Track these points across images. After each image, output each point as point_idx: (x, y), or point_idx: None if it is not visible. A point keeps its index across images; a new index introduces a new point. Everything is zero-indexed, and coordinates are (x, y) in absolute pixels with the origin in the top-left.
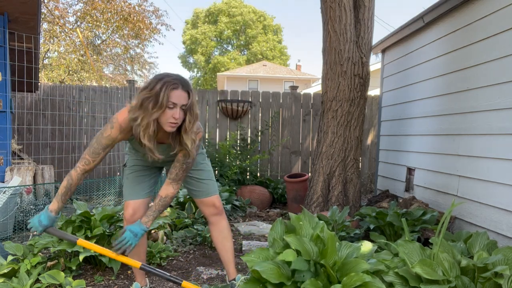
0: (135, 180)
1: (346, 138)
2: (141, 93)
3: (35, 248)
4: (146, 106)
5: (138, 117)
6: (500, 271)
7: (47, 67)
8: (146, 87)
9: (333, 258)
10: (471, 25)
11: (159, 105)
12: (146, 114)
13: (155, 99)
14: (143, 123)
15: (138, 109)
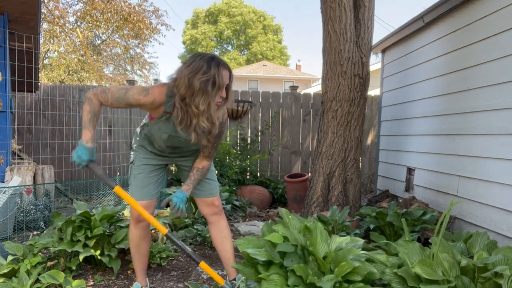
0: (144, 181)
1: (346, 138)
2: (196, 77)
3: (35, 248)
4: (205, 89)
5: (199, 101)
6: (500, 271)
7: (47, 67)
8: (197, 70)
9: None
10: (471, 25)
11: (217, 86)
12: (207, 96)
13: (213, 81)
14: (204, 106)
15: (197, 93)
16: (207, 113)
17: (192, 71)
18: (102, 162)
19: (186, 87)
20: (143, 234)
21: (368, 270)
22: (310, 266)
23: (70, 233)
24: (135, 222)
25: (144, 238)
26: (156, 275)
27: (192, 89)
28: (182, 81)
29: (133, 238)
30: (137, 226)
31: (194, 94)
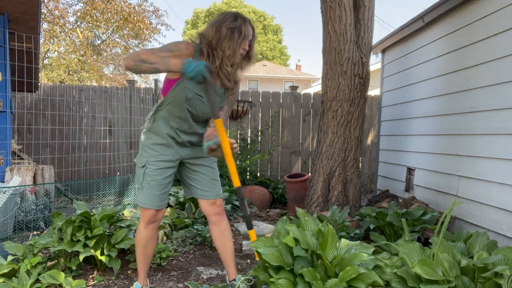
0: (159, 188)
1: (346, 138)
2: (224, 24)
3: (35, 248)
4: (231, 35)
5: (225, 45)
6: (500, 271)
7: (47, 67)
8: (224, 20)
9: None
10: (471, 25)
11: (243, 35)
12: (233, 42)
13: (239, 30)
14: (230, 51)
15: (224, 39)
16: (232, 59)
17: (220, 19)
18: (102, 162)
19: (214, 33)
20: (151, 235)
21: (373, 279)
22: (318, 270)
23: (70, 233)
24: (146, 223)
25: (152, 238)
26: (156, 275)
27: (219, 34)
28: (210, 29)
29: (142, 238)
30: (147, 227)
31: (221, 39)
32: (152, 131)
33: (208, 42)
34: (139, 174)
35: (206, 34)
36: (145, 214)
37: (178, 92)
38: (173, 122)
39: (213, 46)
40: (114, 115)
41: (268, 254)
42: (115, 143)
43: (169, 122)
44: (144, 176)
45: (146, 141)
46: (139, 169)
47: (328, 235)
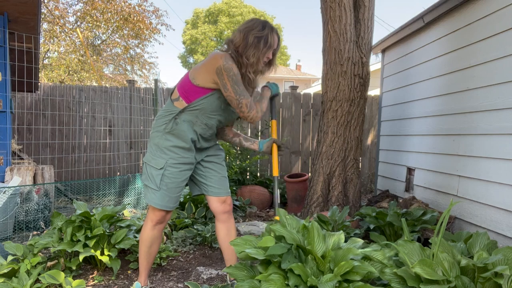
0: (176, 190)
1: (346, 138)
2: (251, 33)
3: (35, 248)
4: (257, 44)
5: (250, 53)
6: (500, 271)
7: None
8: (252, 28)
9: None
10: (471, 25)
11: (268, 45)
12: (258, 51)
13: (266, 39)
14: (254, 59)
15: (250, 47)
16: (255, 67)
17: (248, 26)
18: (102, 162)
19: (241, 40)
20: (158, 235)
21: (367, 269)
22: (309, 265)
23: (70, 233)
24: (154, 224)
25: (158, 239)
26: (156, 275)
27: (245, 42)
28: (238, 35)
29: (147, 238)
30: (155, 228)
31: (247, 46)
32: (173, 133)
33: (235, 48)
34: (155, 175)
35: (233, 40)
36: (155, 214)
37: (212, 101)
38: (198, 127)
39: (239, 53)
40: (114, 115)
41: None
42: (115, 143)
43: (193, 126)
44: (162, 178)
45: (165, 143)
46: (156, 171)
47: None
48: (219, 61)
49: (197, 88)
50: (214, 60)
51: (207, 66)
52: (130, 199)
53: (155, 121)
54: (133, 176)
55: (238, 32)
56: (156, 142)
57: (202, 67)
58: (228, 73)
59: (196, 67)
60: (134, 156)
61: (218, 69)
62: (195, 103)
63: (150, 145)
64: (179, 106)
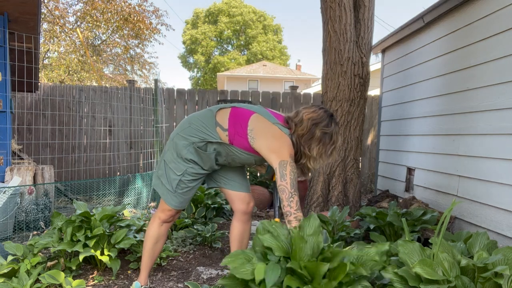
0: (189, 193)
1: (346, 138)
2: (319, 126)
3: (35, 248)
4: (324, 139)
5: (314, 147)
6: (500, 271)
7: (47, 67)
8: (320, 120)
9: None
10: (471, 25)
11: (332, 141)
12: (323, 146)
13: (330, 136)
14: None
15: (315, 140)
16: (317, 161)
17: (316, 118)
18: (102, 162)
19: (306, 130)
20: (164, 233)
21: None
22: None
23: (70, 233)
24: (162, 221)
25: (163, 236)
26: (156, 275)
27: (311, 134)
28: (304, 125)
29: (154, 235)
30: (162, 225)
31: (312, 139)
32: (198, 153)
33: (298, 136)
34: (172, 178)
35: (297, 124)
36: (165, 213)
37: (249, 158)
38: (223, 160)
39: (301, 142)
40: (114, 115)
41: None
42: (115, 143)
43: (218, 156)
44: (179, 183)
45: (188, 155)
46: (174, 175)
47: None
48: (285, 157)
49: (248, 144)
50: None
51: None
52: (130, 199)
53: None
54: (133, 176)
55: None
56: (179, 148)
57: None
58: (292, 169)
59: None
60: (134, 156)
61: (283, 162)
62: (236, 149)
63: (172, 145)
64: (221, 137)
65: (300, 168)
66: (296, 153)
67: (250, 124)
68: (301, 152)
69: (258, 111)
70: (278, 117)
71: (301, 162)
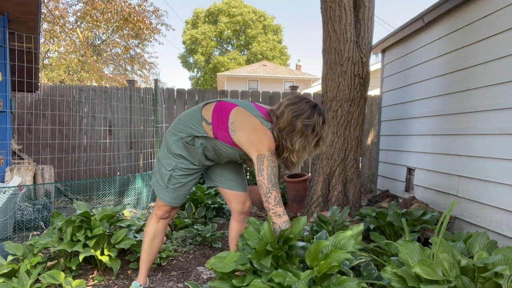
0: (181, 189)
1: (346, 138)
2: (300, 118)
3: (35, 248)
4: (306, 132)
5: (296, 140)
6: (500, 271)
7: (47, 67)
8: (301, 112)
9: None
10: (471, 25)
11: (315, 133)
12: (305, 139)
13: (313, 128)
14: (299, 147)
15: (297, 133)
16: (300, 154)
17: (297, 111)
18: (102, 162)
19: (287, 123)
20: (161, 229)
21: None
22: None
23: (70, 233)
24: (158, 217)
25: (161, 233)
26: (156, 275)
27: (292, 127)
28: (285, 117)
29: (151, 231)
30: (159, 222)
31: (293, 132)
32: (186, 148)
33: (279, 129)
34: (164, 174)
35: (278, 117)
36: (161, 209)
37: (233, 153)
38: (211, 155)
39: (283, 136)
40: (114, 115)
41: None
42: (115, 143)
43: (206, 151)
44: (170, 178)
45: (177, 150)
46: (165, 170)
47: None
48: (264, 150)
49: (229, 137)
50: (260, 145)
51: (252, 139)
52: (130, 199)
53: (177, 123)
54: (133, 176)
55: (285, 112)
56: (170, 144)
57: (246, 134)
58: (270, 164)
59: (241, 124)
60: (134, 156)
61: (261, 156)
62: (220, 143)
63: (164, 142)
64: (206, 131)
65: (283, 162)
66: (278, 147)
67: (231, 117)
68: (283, 146)
69: (241, 104)
70: (262, 110)
71: (284, 156)
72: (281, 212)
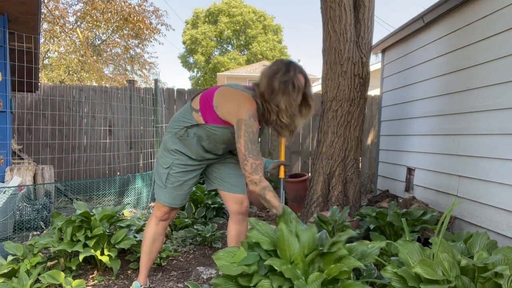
0: (180, 189)
1: (346, 138)
2: (276, 77)
3: (35, 248)
4: (285, 89)
5: (279, 99)
6: (500, 271)
7: (47, 67)
8: (277, 71)
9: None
10: (471, 25)
11: (296, 88)
12: (287, 95)
13: (292, 83)
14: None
15: (277, 92)
16: (289, 111)
17: (272, 71)
18: (102, 162)
19: (266, 86)
20: (161, 232)
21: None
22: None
23: (70, 233)
24: (158, 219)
25: (160, 235)
26: (156, 275)
27: (271, 88)
28: (262, 81)
29: (151, 234)
30: (159, 224)
31: (274, 93)
32: (181, 142)
33: (260, 95)
34: (162, 173)
35: (259, 85)
36: (160, 211)
37: (225, 133)
38: (207, 144)
39: (266, 100)
40: (114, 115)
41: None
42: (115, 143)
43: (202, 141)
44: (168, 177)
45: (173, 145)
46: (163, 169)
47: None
48: (242, 114)
49: (216, 115)
50: (239, 110)
51: (231, 108)
52: (130, 199)
53: (171, 121)
54: (133, 176)
55: (262, 77)
56: (166, 142)
57: (227, 104)
58: (247, 129)
59: (222, 97)
60: (134, 156)
61: (239, 122)
62: (212, 127)
63: (162, 142)
64: (196, 119)
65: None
66: (264, 114)
67: (215, 96)
68: (269, 111)
69: (224, 84)
70: (248, 87)
71: (273, 119)
72: (257, 180)
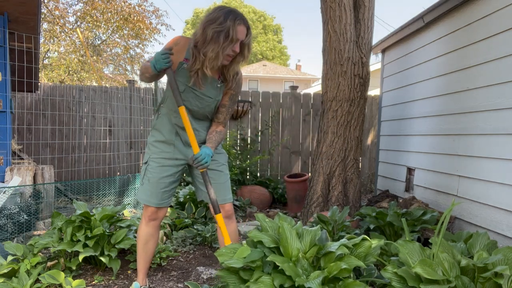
0: (158, 185)
1: (346, 138)
2: (211, 26)
3: (35, 248)
4: (217, 39)
5: (209, 49)
6: (500, 271)
7: (47, 67)
8: (214, 20)
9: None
10: (471, 25)
11: (230, 39)
12: (217, 46)
13: (226, 33)
14: (212, 54)
15: (209, 42)
16: (213, 63)
17: (209, 20)
18: (102, 162)
19: (200, 34)
20: (153, 232)
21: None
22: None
23: (70, 233)
24: (147, 220)
25: (153, 236)
26: (156, 275)
27: (204, 37)
28: (198, 28)
29: (143, 235)
30: (148, 224)
31: (205, 41)
32: (155, 128)
33: (195, 43)
34: (142, 170)
35: (195, 33)
36: (146, 210)
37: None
38: (173, 117)
39: (198, 48)
40: (114, 115)
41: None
42: (115, 143)
43: (170, 118)
44: (146, 172)
45: (150, 138)
46: (143, 165)
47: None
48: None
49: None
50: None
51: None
52: (130, 199)
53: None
54: (133, 176)
55: (199, 25)
56: (148, 140)
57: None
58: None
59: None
60: (134, 156)
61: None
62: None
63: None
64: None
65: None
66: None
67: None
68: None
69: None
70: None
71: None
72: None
